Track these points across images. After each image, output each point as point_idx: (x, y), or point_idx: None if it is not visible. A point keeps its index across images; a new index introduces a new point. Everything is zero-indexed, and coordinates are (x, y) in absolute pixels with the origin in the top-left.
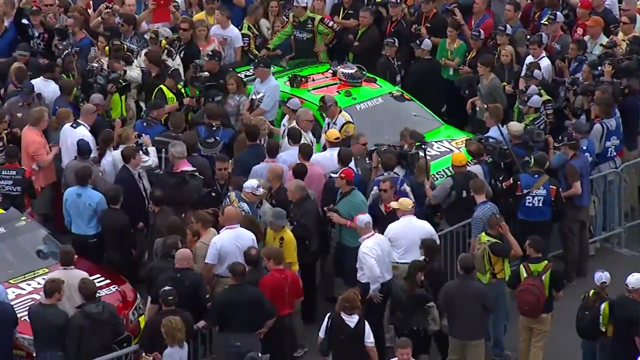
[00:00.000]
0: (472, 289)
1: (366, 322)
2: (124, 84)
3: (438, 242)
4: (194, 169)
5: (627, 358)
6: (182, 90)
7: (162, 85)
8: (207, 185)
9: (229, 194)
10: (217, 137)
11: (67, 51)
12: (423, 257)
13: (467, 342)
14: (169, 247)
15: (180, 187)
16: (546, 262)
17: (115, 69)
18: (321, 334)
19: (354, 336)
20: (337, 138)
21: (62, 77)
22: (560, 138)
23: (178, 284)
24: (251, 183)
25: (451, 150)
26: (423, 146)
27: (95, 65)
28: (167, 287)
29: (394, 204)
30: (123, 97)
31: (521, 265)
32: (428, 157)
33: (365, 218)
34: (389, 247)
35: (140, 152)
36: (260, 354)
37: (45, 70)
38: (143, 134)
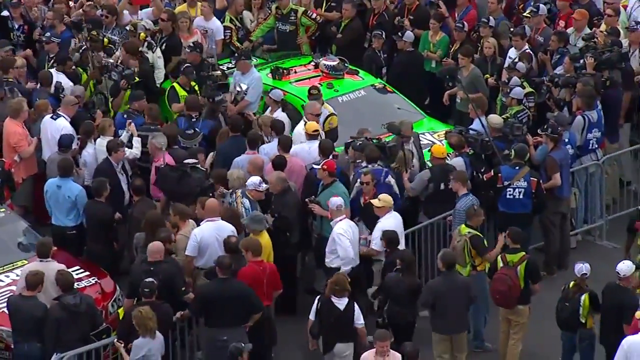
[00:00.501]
0: (458, 283)
1: (355, 304)
2: (137, 80)
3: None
4: (196, 161)
5: (615, 345)
6: (196, 88)
7: (174, 83)
8: None
9: (234, 190)
10: (196, 129)
11: (84, 46)
12: (384, 249)
13: (453, 335)
14: (164, 240)
15: (183, 181)
16: (523, 253)
17: (130, 66)
18: (311, 316)
19: (344, 318)
20: (316, 131)
21: (79, 70)
22: (544, 128)
23: (152, 278)
24: (253, 180)
25: (434, 143)
26: (403, 138)
27: (111, 61)
28: (148, 279)
29: (375, 202)
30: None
31: (499, 256)
32: (412, 149)
33: (337, 201)
34: (357, 232)
35: (125, 147)
36: (243, 344)
37: (58, 63)
38: (132, 123)
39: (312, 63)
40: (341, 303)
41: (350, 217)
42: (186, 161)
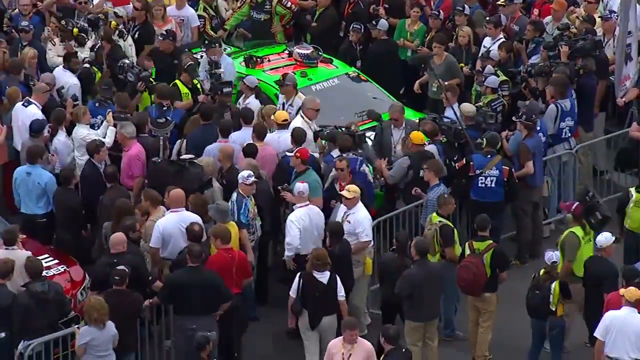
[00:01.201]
0: (432, 271)
1: (337, 278)
2: (154, 82)
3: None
4: (193, 156)
5: (598, 317)
6: (198, 86)
7: (177, 80)
8: None
9: (429, 216)
10: (168, 117)
11: (98, 44)
12: (329, 240)
13: (426, 323)
14: (127, 229)
15: (180, 175)
16: (490, 241)
17: (147, 67)
18: (292, 294)
19: (328, 292)
20: (285, 120)
21: (93, 69)
22: (518, 115)
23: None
24: (242, 173)
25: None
26: (381, 125)
27: (127, 62)
28: (119, 267)
29: (345, 194)
30: (154, 96)
31: (466, 243)
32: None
33: (300, 186)
34: (321, 220)
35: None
36: (209, 332)
37: (64, 60)
38: (110, 112)
39: (286, 51)
40: (324, 277)
41: (323, 206)
42: (183, 156)
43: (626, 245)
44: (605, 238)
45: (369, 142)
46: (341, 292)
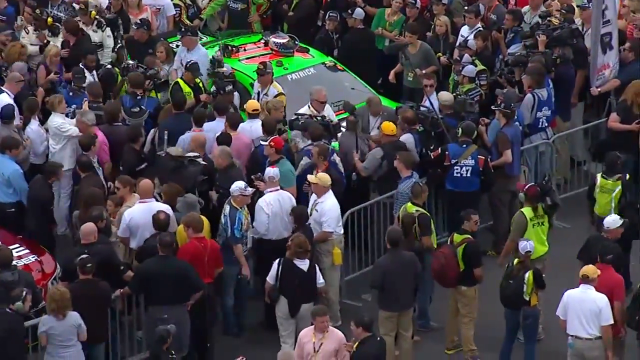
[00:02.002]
0: (405, 260)
1: (316, 265)
2: (161, 80)
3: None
4: (197, 154)
5: None
6: (200, 85)
7: (178, 79)
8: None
9: (404, 205)
10: (142, 106)
11: (120, 44)
12: (293, 225)
13: (400, 313)
14: (95, 219)
15: (178, 172)
16: (468, 236)
17: (153, 66)
18: (271, 280)
19: (308, 279)
20: (256, 110)
21: (115, 70)
22: (496, 104)
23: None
24: (238, 184)
25: None
26: (356, 117)
27: (131, 62)
28: (83, 256)
29: (311, 178)
30: (159, 94)
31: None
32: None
33: (271, 171)
34: (292, 205)
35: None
36: (169, 326)
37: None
38: (86, 101)
39: (262, 41)
40: (304, 264)
41: (297, 194)
42: (188, 154)
43: (597, 230)
44: (613, 220)
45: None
46: (320, 279)
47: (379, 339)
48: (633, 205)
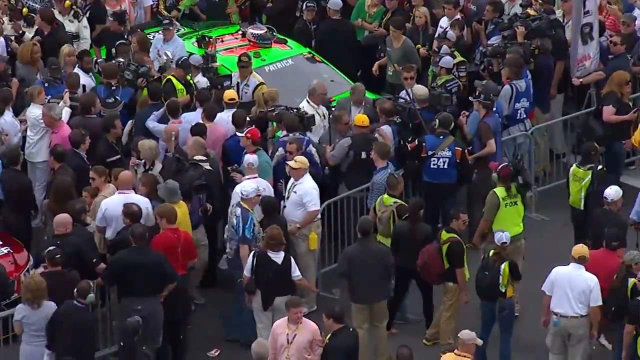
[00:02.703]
0: (373, 251)
1: (292, 258)
2: (154, 77)
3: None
4: (204, 158)
5: None
6: (191, 82)
7: (170, 76)
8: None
9: (381, 197)
10: (117, 97)
11: (120, 41)
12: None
13: (372, 304)
14: (78, 212)
15: (179, 175)
16: (454, 235)
17: (144, 62)
18: (247, 273)
19: (282, 272)
20: (232, 99)
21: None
22: (476, 95)
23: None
24: (253, 186)
25: None
26: (331, 110)
27: (121, 60)
28: (51, 247)
29: (291, 164)
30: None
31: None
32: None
33: (249, 158)
34: (270, 194)
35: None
36: (137, 317)
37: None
38: (67, 93)
39: (240, 32)
40: (278, 257)
41: (273, 185)
42: (195, 157)
43: (572, 220)
44: (614, 191)
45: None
46: (296, 271)
47: (351, 330)
48: (598, 196)
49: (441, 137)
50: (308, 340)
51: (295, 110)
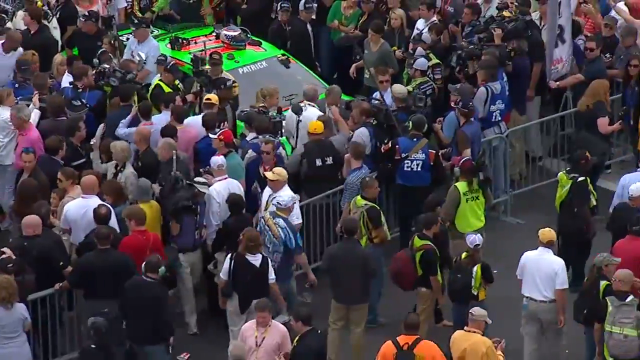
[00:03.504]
0: (356, 253)
1: (269, 260)
2: (142, 84)
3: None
4: (203, 181)
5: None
6: (179, 87)
7: (159, 81)
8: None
9: (262, 215)
10: (83, 100)
11: (102, 49)
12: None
13: (350, 306)
14: (44, 216)
15: (172, 194)
16: (427, 242)
17: (130, 69)
18: (223, 275)
19: (260, 275)
20: (209, 99)
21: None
22: (455, 102)
23: (26, 253)
24: (291, 194)
25: None
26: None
27: (107, 66)
28: (4, 256)
29: (269, 175)
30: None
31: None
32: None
33: (218, 160)
34: (242, 194)
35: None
36: (96, 318)
37: (68, 64)
38: (37, 94)
39: (214, 33)
40: (256, 260)
41: (245, 187)
42: (196, 179)
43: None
44: (636, 187)
45: None
46: (272, 275)
47: (319, 332)
48: (571, 206)
49: (415, 139)
50: (277, 343)
51: (265, 113)
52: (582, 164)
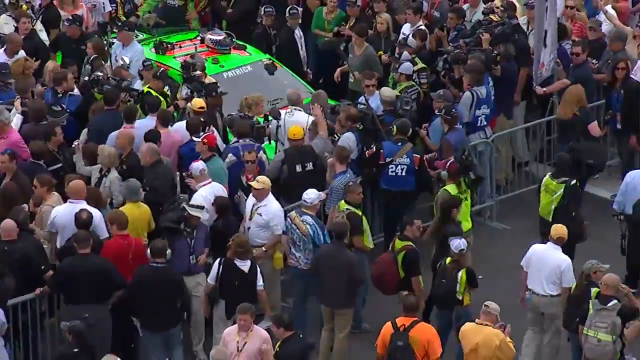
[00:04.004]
0: (342, 258)
1: (257, 266)
2: (139, 91)
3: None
4: (202, 205)
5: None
6: (168, 93)
7: (148, 89)
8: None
9: (290, 213)
10: (62, 105)
11: (94, 55)
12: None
13: (335, 310)
14: (22, 221)
15: (163, 213)
16: (409, 243)
17: (124, 77)
18: (211, 281)
19: (248, 281)
20: (202, 107)
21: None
22: (439, 109)
23: (6, 257)
24: (318, 193)
25: None
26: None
27: (100, 74)
28: None
29: (255, 184)
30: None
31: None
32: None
33: (199, 165)
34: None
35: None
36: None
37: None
38: (19, 99)
39: (198, 38)
40: (245, 265)
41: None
42: (192, 202)
43: (540, 232)
44: None
45: None
46: (260, 281)
47: (301, 336)
48: (568, 211)
49: (399, 143)
50: (258, 348)
51: (249, 118)
52: (567, 167)
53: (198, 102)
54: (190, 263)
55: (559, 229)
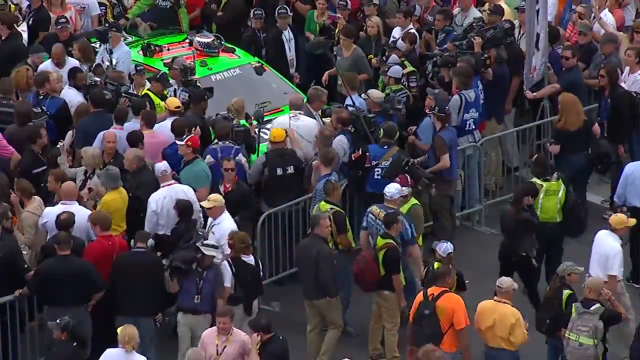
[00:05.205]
0: (310, 247)
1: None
2: (139, 95)
3: None
4: (216, 246)
5: None
6: (168, 97)
7: (147, 90)
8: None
9: (371, 209)
10: (43, 107)
11: (97, 62)
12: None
13: (313, 302)
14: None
15: (176, 250)
16: (390, 241)
17: (121, 81)
18: (228, 284)
19: (256, 274)
20: (178, 107)
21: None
22: (432, 107)
23: None
24: (398, 187)
25: None
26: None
27: (97, 79)
28: None
29: (205, 204)
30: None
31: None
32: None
33: (162, 166)
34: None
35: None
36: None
37: (69, 77)
38: None
39: (187, 40)
40: (250, 260)
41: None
42: (206, 242)
43: (538, 238)
44: None
45: None
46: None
47: (281, 337)
48: (576, 206)
49: (385, 147)
50: (238, 352)
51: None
52: (548, 165)
53: (174, 102)
54: (194, 302)
55: (619, 218)
